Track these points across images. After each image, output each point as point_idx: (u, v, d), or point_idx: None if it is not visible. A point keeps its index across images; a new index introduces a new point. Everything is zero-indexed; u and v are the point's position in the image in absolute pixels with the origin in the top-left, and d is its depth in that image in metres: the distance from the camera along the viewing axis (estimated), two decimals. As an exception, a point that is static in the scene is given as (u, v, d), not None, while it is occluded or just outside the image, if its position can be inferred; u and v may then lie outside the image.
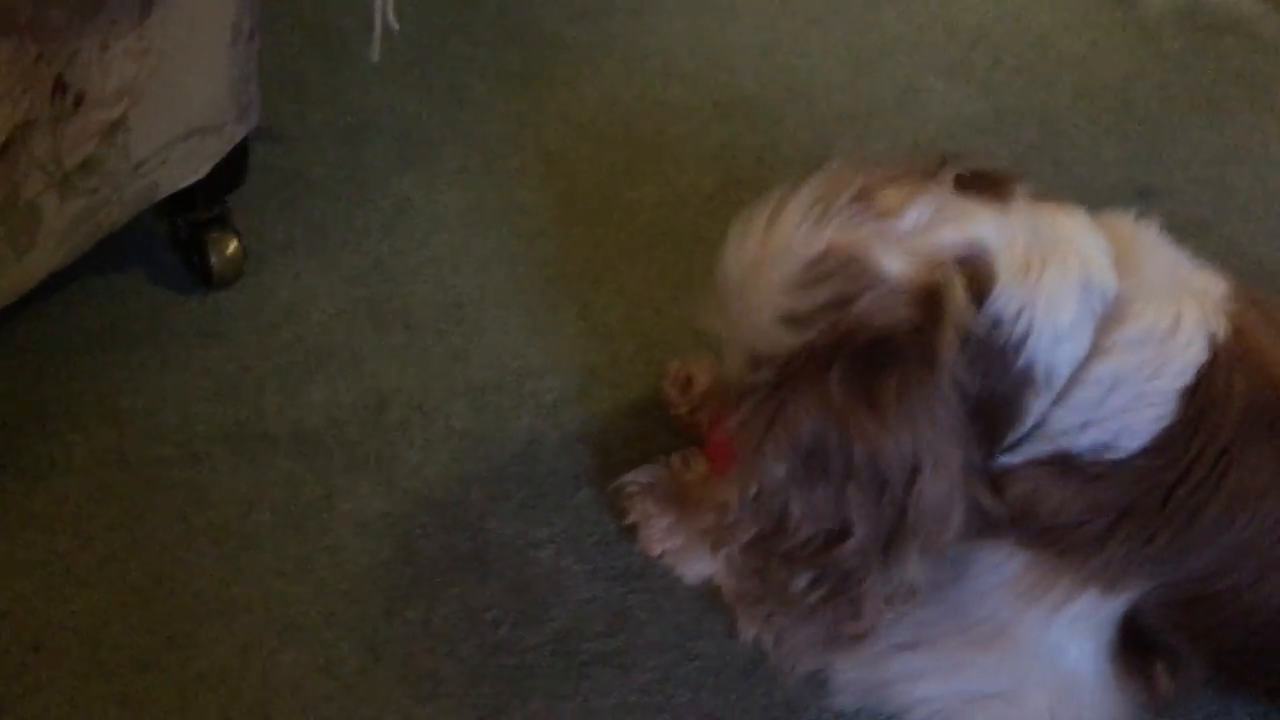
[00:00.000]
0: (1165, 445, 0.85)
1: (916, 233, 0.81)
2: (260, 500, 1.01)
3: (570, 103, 1.53)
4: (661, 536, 1.01)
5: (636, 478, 1.04)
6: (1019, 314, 0.81)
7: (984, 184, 0.85)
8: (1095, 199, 1.55)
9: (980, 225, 0.82)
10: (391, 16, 1.25)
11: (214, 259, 1.16)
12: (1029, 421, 0.85)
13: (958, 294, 0.80)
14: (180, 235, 1.17)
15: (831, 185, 0.84)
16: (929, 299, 0.80)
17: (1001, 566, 0.91)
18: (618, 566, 1.01)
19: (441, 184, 1.36)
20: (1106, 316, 0.84)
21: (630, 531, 1.03)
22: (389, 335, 1.18)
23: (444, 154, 1.40)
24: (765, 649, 0.96)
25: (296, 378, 1.11)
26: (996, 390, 0.83)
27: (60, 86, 0.89)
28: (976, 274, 0.81)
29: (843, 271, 0.80)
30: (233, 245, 1.17)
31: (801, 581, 0.88)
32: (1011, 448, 0.87)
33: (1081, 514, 0.87)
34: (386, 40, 1.25)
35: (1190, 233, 0.94)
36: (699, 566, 1.01)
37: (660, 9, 1.76)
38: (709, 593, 1.00)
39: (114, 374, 1.08)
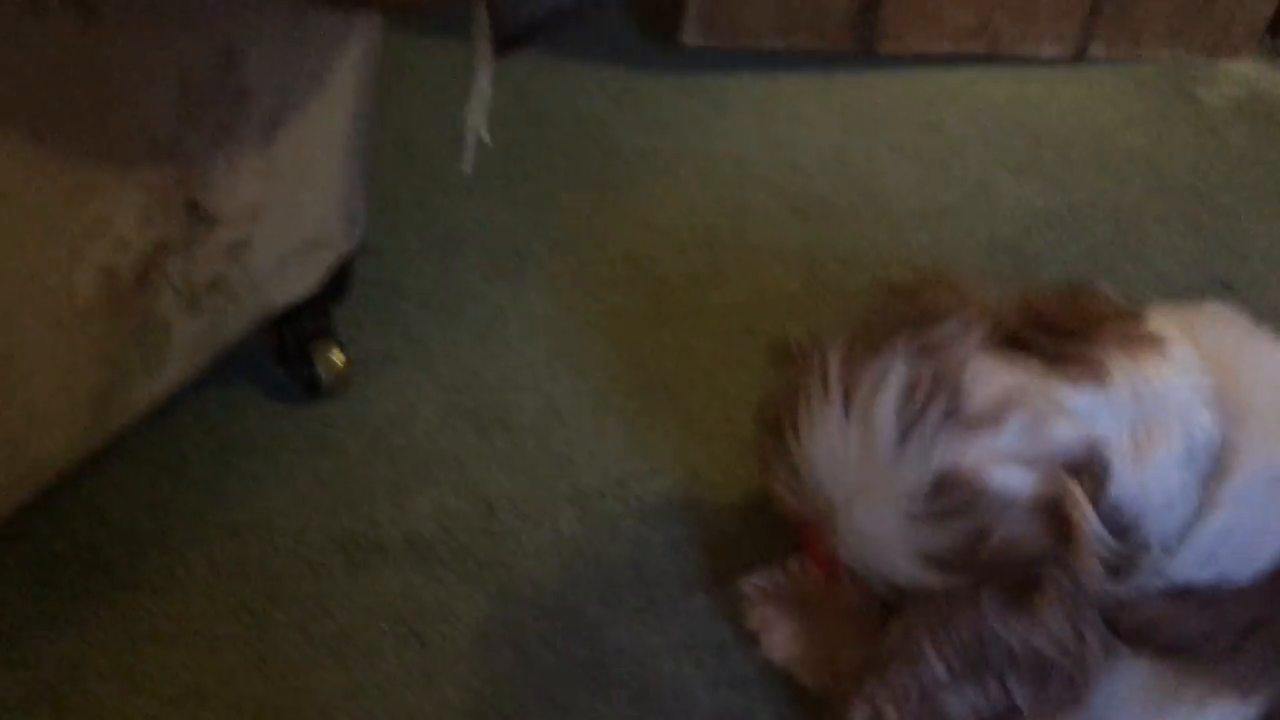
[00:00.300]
0: None
1: (1025, 441, 0.79)
2: (379, 611, 1.01)
3: (651, 210, 1.56)
4: (783, 643, 1.00)
5: (755, 582, 1.03)
6: (1134, 496, 0.81)
7: (1068, 344, 0.83)
8: (1176, 293, 1.57)
9: (1084, 420, 0.80)
10: (484, 131, 1.28)
11: (321, 370, 1.18)
12: (1143, 571, 0.85)
13: (1083, 509, 0.79)
14: (287, 348, 1.18)
15: (911, 376, 0.80)
16: (1058, 517, 0.79)
17: (1132, 676, 0.90)
18: (739, 674, 1.00)
19: (532, 292, 1.38)
20: (1213, 471, 0.83)
21: (749, 637, 1.01)
22: (491, 442, 1.18)
23: (533, 263, 1.42)
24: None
25: (405, 486, 1.12)
26: (1116, 560, 0.82)
27: (194, 208, 0.91)
28: (1093, 473, 0.80)
29: (970, 505, 0.78)
30: (339, 356, 1.19)
31: None
32: (1124, 582, 0.86)
33: (1206, 633, 0.87)
34: (475, 154, 1.28)
35: (1275, 324, 0.94)
36: (821, 675, 0.99)
37: (730, 118, 1.80)
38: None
39: (230, 486, 1.09)
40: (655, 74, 1.87)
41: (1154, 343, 0.85)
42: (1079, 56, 2.17)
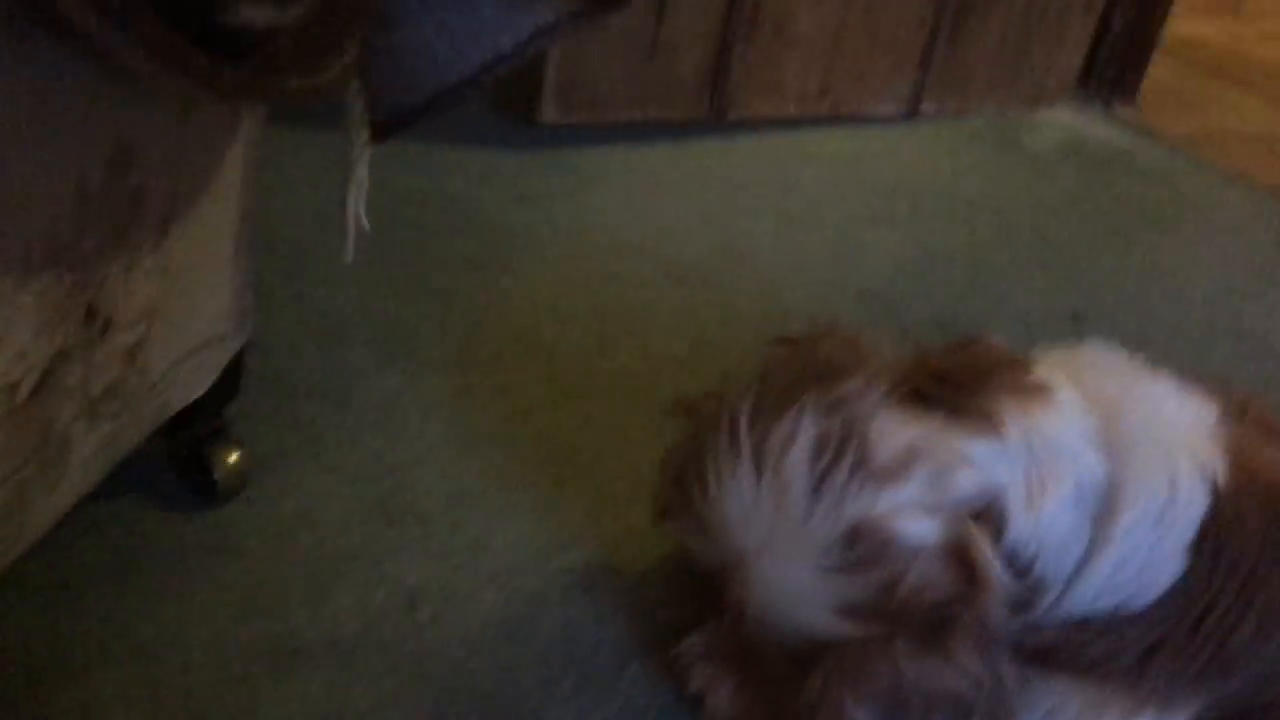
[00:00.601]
0: (1183, 591, 0.88)
1: (930, 491, 0.83)
2: (309, 719, 0.97)
3: (530, 285, 1.56)
4: (728, 701, 0.99)
5: (692, 642, 1.02)
6: (1029, 541, 0.85)
7: (966, 397, 0.87)
8: (1033, 327, 1.65)
9: (983, 467, 0.84)
10: (364, 217, 1.26)
11: (217, 472, 1.13)
12: (1043, 607, 0.89)
13: (986, 553, 0.83)
14: (180, 453, 1.13)
15: (819, 432, 0.83)
16: (963, 562, 0.83)
17: (1048, 695, 0.93)
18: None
19: (425, 374, 1.36)
20: (1102, 512, 0.87)
21: (692, 701, 1.01)
22: (404, 530, 1.15)
23: (421, 345, 1.40)
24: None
25: (320, 585, 1.08)
26: (1013, 599, 0.86)
27: (91, 314, 0.87)
28: (991, 519, 0.84)
29: (880, 555, 0.82)
30: (235, 456, 1.14)
31: None
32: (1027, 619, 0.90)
33: (1109, 652, 0.90)
34: (345, 240, 1.26)
35: (1128, 350, 1.00)
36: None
37: (596, 190, 1.83)
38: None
39: (131, 605, 1.03)
40: (518, 151, 1.88)
41: (1042, 391, 0.90)
42: (913, 113, 2.29)
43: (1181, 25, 2.61)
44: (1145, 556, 0.88)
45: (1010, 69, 2.33)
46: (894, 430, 0.84)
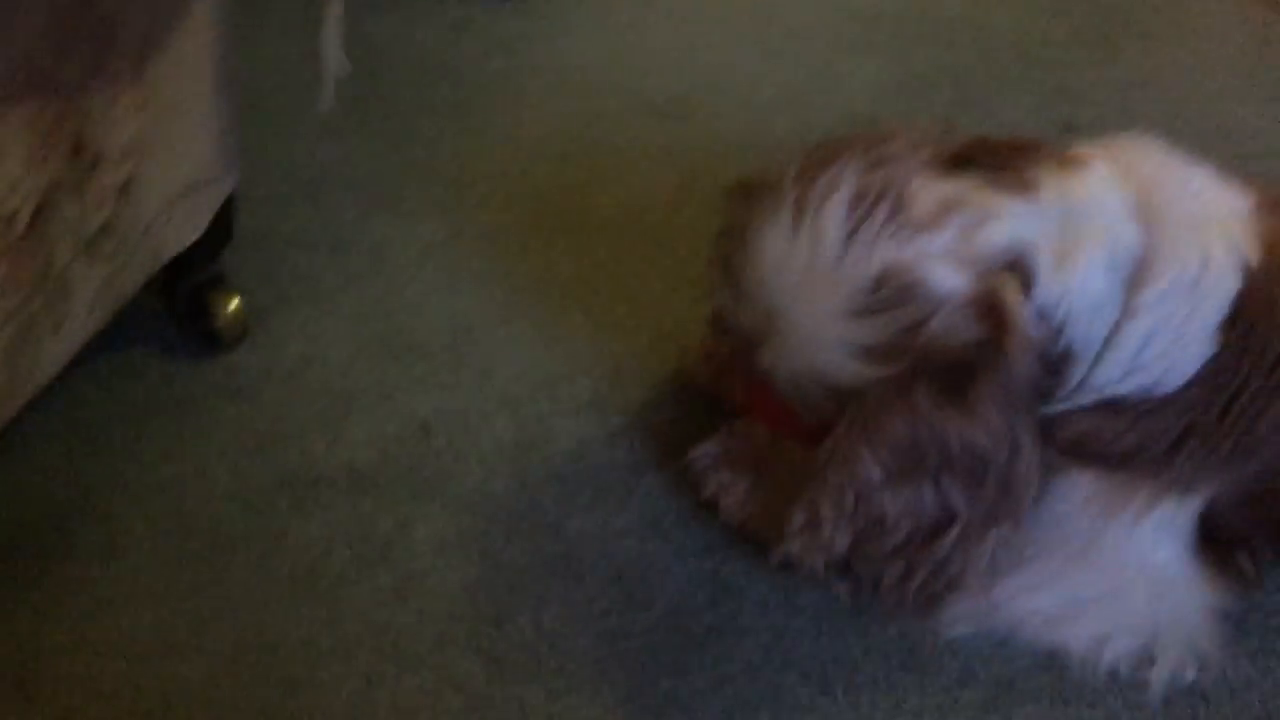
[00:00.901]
0: (1214, 374, 0.88)
1: (960, 243, 0.83)
2: (335, 540, 0.98)
3: (513, 128, 1.54)
4: (741, 504, 1.01)
5: (704, 449, 1.04)
6: (1059, 303, 0.84)
7: (1006, 163, 0.87)
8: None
9: (1015, 222, 0.84)
10: (344, 58, 1.24)
11: (219, 320, 1.13)
12: (1073, 383, 0.88)
13: (1016, 301, 0.83)
14: (179, 303, 1.13)
15: (859, 186, 0.84)
16: (991, 310, 0.82)
17: (1076, 490, 0.94)
18: (702, 541, 1.02)
19: (415, 220, 1.35)
20: (1134, 278, 0.87)
21: (707, 504, 1.03)
22: (411, 366, 1.16)
23: (409, 193, 1.39)
24: (863, 602, 0.97)
25: (333, 419, 1.09)
26: (1045, 369, 0.86)
27: (78, 147, 0.86)
28: (1021, 274, 0.84)
29: (906, 297, 0.82)
30: (234, 303, 1.14)
31: (895, 573, 0.89)
32: (1057, 402, 0.90)
33: (1139, 442, 0.91)
34: (323, 86, 1.24)
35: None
36: (782, 528, 1.01)
37: (571, 32, 1.79)
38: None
39: (150, 446, 1.04)
40: (490, 1, 1.84)
41: (1080, 162, 0.89)
42: (888, -60, 2.22)
43: None
44: (1175, 332, 0.87)
45: (984, -111, 2.27)
46: (932, 186, 0.84)
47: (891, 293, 0.81)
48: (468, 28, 1.76)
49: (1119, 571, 0.94)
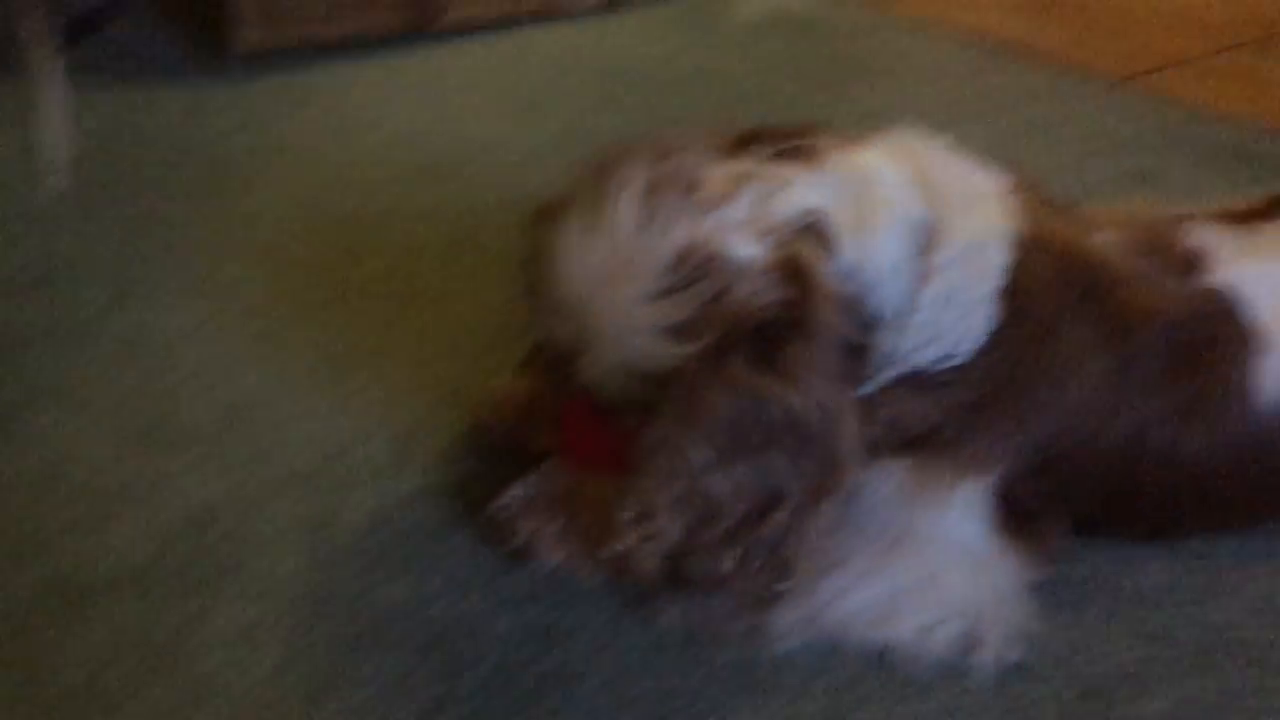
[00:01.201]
0: (998, 342, 0.92)
1: (755, 214, 0.84)
2: (116, 647, 0.89)
3: (266, 202, 1.48)
4: (556, 546, 0.98)
5: (511, 496, 1.00)
6: (860, 267, 0.87)
7: (790, 145, 0.89)
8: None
9: (807, 190, 0.86)
10: (72, 142, 1.16)
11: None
12: (881, 354, 0.91)
13: (817, 260, 0.84)
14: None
15: (650, 177, 0.85)
16: (794, 272, 0.83)
17: (886, 479, 0.96)
18: (523, 591, 0.97)
19: (168, 305, 1.26)
20: (924, 244, 0.90)
21: (520, 553, 0.98)
22: (181, 454, 1.07)
23: (159, 278, 1.31)
24: (693, 626, 0.95)
25: (100, 518, 0.99)
26: (853, 338, 0.88)
27: None
28: (819, 238, 0.85)
29: (706, 271, 0.82)
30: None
31: (729, 563, 0.88)
32: (868, 379, 0.92)
33: (943, 417, 0.94)
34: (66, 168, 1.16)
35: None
36: (602, 563, 0.98)
37: (318, 105, 1.75)
38: (617, 588, 0.98)
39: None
40: (229, 80, 1.78)
41: (860, 140, 0.93)
42: (614, 4, 2.30)
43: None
44: (964, 297, 0.91)
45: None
46: (720, 166, 0.86)
47: (691, 268, 0.82)
48: (208, 106, 1.69)
49: (932, 557, 0.96)
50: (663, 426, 0.84)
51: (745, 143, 0.89)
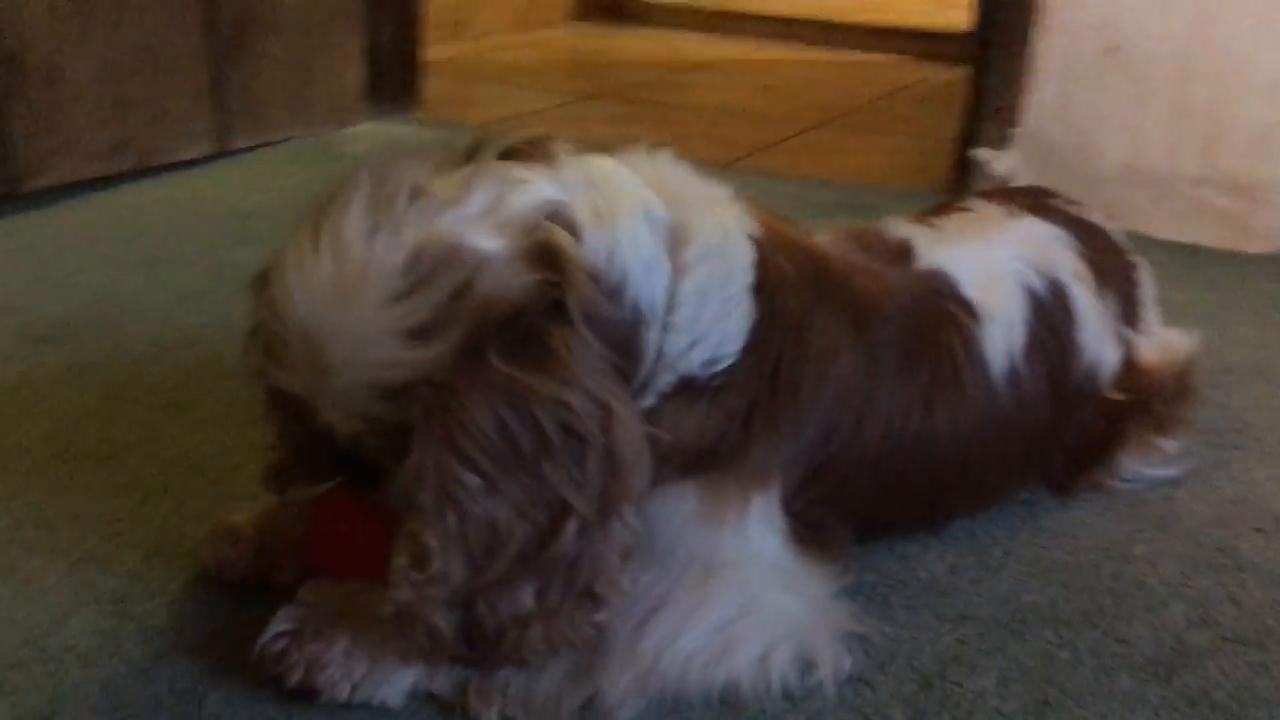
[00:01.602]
0: (757, 340, 0.92)
1: (492, 209, 0.79)
2: None
3: None
4: (345, 669, 0.84)
5: (276, 630, 0.85)
6: (610, 257, 0.83)
7: (523, 153, 0.86)
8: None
9: (544, 186, 0.82)
10: None
11: None
12: (650, 355, 0.87)
13: (568, 242, 0.79)
14: None
15: (371, 193, 0.78)
16: (543, 255, 0.78)
17: (680, 505, 0.91)
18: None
19: None
20: (672, 242, 0.88)
21: (303, 687, 0.84)
22: None
23: None
24: (521, 704, 0.85)
25: None
26: (618, 333, 0.83)
27: None
28: (567, 228, 0.81)
29: (444, 265, 0.76)
30: None
31: (527, 598, 0.79)
32: (644, 389, 0.88)
33: (719, 426, 0.91)
34: None
35: None
36: (400, 681, 0.85)
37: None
38: (426, 699, 0.86)
39: None
40: None
41: (594, 150, 0.90)
42: (225, 150, 2.19)
43: (430, 52, 2.78)
44: (719, 294, 0.89)
45: (302, 92, 2.31)
46: (449, 172, 0.81)
47: (428, 265, 0.75)
48: None
49: (746, 581, 0.91)
50: (421, 454, 0.75)
51: (470, 154, 0.84)
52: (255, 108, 2.20)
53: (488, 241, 0.77)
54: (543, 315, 0.77)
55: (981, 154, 1.22)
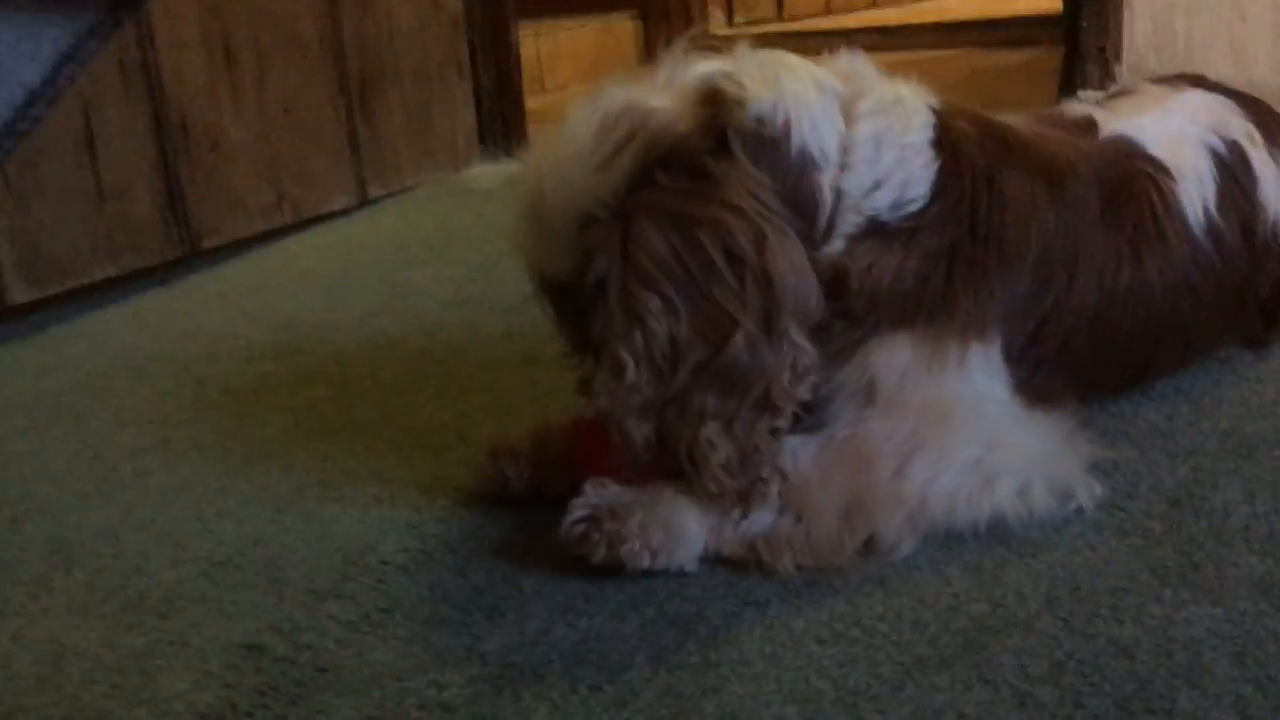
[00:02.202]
0: (946, 186, 0.99)
1: (669, 81, 0.95)
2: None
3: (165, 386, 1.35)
4: (643, 540, 0.91)
5: (575, 513, 0.93)
6: (775, 109, 0.94)
7: (709, 48, 0.98)
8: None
9: (714, 64, 0.96)
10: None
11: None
12: (828, 196, 0.96)
13: (729, 86, 0.93)
14: None
15: (592, 94, 0.94)
16: (706, 99, 0.93)
17: (896, 355, 0.97)
18: (665, 604, 0.90)
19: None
20: (845, 99, 0.98)
21: (608, 565, 0.91)
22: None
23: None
24: (805, 550, 0.91)
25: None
26: (788, 175, 0.94)
27: None
28: (731, 83, 0.94)
29: (624, 116, 0.91)
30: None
31: (709, 404, 0.90)
32: (829, 232, 0.97)
33: (919, 269, 0.98)
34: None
35: None
36: (694, 546, 0.93)
37: (99, 353, 1.63)
38: (718, 563, 0.93)
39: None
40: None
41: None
42: (364, 200, 2.32)
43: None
44: (898, 140, 0.98)
45: (423, 139, 2.44)
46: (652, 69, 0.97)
47: (612, 119, 0.91)
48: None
49: (985, 419, 0.97)
50: (612, 279, 0.89)
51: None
52: (385, 157, 2.34)
53: (661, 99, 0.93)
54: (704, 147, 0.91)
55: (1088, 95, 1.29)
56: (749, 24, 4.29)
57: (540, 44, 3.59)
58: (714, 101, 0.93)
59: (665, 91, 0.94)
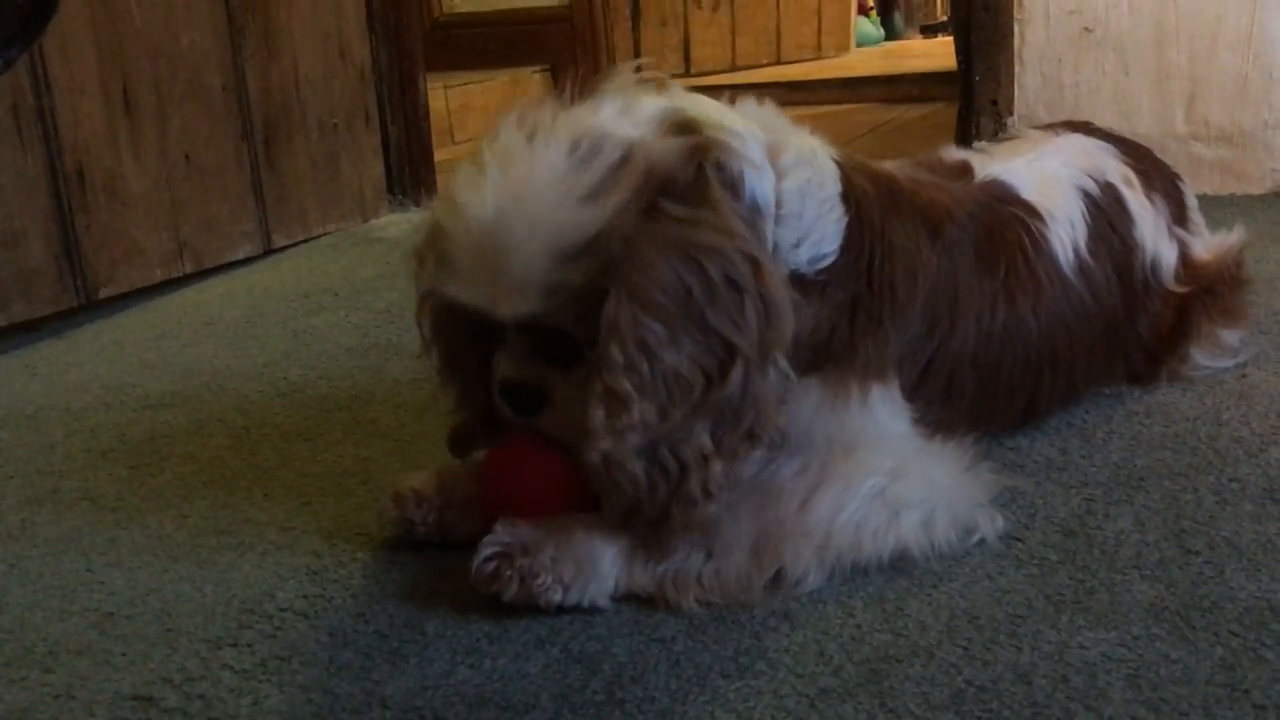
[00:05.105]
0: (850, 240, 1.01)
1: (624, 112, 0.93)
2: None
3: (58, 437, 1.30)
4: (555, 575, 0.90)
5: (488, 551, 0.92)
6: (729, 155, 0.93)
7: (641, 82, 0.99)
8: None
9: (661, 101, 0.95)
10: None
11: None
12: (770, 244, 0.97)
13: (702, 114, 0.93)
14: None
15: (520, 121, 0.92)
16: (685, 127, 0.92)
17: (805, 397, 0.99)
18: (570, 643, 0.89)
19: None
20: (770, 150, 0.99)
21: (520, 602, 0.90)
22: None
23: None
24: (714, 587, 0.91)
25: None
26: (746, 219, 0.93)
27: None
28: (690, 125, 0.93)
29: (601, 146, 0.88)
30: None
31: (705, 440, 0.88)
32: None
33: (830, 320, 1.00)
34: None
35: None
36: (604, 581, 0.92)
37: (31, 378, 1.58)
38: (628, 599, 0.93)
39: None
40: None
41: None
42: (268, 249, 2.29)
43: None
44: (816, 195, 0.99)
45: (330, 188, 2.43)
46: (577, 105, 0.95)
47: (586, 148, 0.88)
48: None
49: (889, 453, 0.99)
50: (614, 306, 0.85)
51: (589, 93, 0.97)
52: (291, 206, 2.32)
53: (632, 129, 0.91)
54: (694, 177, 0.89)
55: (980, 145, 1.34)
56: (657, 78, 4.35)
57: (450, 96, 3.60)
58: (688, 131, 0.92)
59: (627, 122, 0.91)
